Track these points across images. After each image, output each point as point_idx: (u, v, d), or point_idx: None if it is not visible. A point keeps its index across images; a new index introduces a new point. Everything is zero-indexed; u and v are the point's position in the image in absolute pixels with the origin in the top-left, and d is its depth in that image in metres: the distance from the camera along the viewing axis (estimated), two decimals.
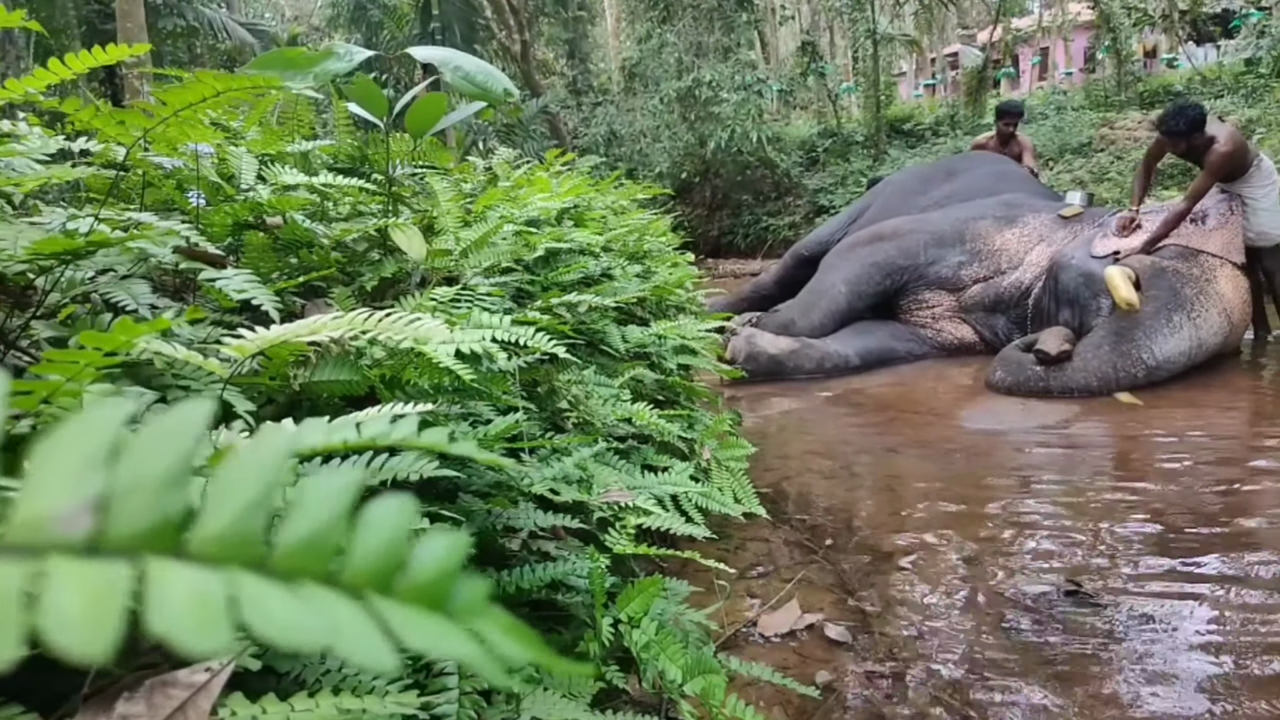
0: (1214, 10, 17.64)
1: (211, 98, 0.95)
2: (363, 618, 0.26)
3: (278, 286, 1.24)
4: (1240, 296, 4.82)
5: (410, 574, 0.28)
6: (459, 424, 1.26)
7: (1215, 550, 2.69)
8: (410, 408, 0.82)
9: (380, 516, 0.29)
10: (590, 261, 2.62)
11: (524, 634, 0.29)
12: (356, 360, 1.18)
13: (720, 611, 2.33)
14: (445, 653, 0.26)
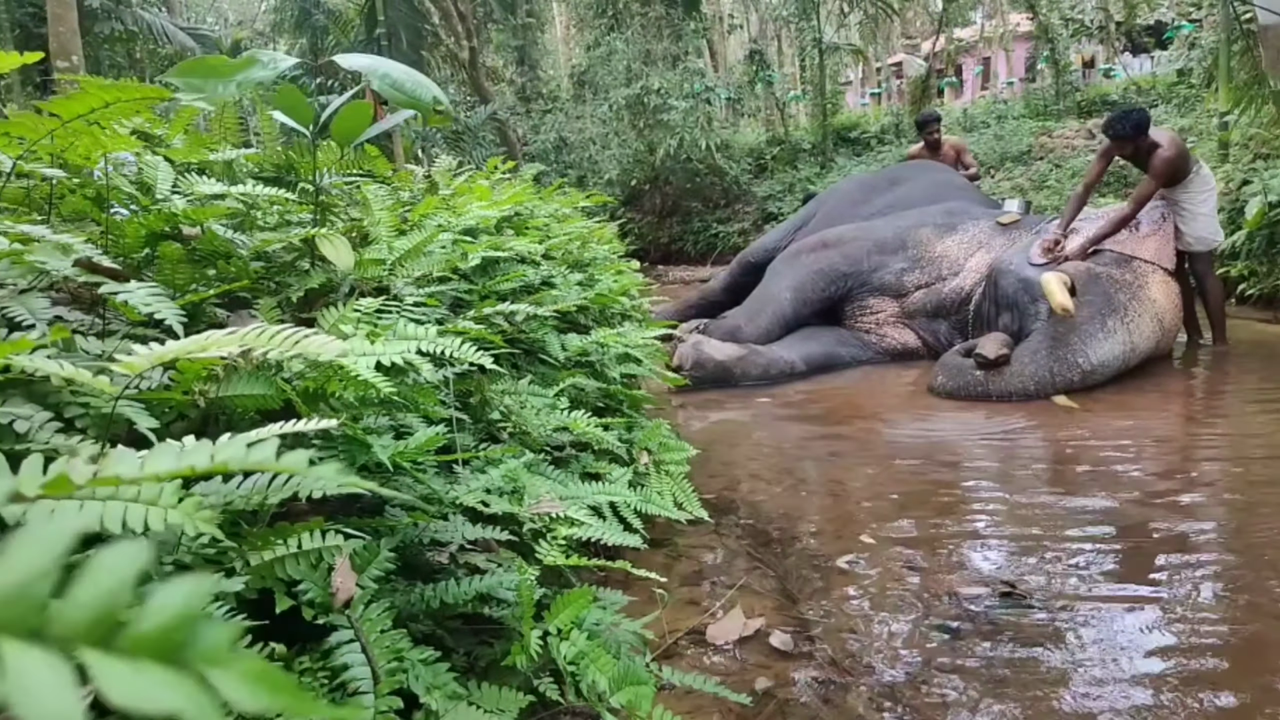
0: (1148, 22, 18.16)
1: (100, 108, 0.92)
2: (52, 674, 0.25)
3: (189, 299, 1.21)
4: (1172, 302, 4.95)
5: (141, 624, 0.26)
6: (381, 437, 1.24)
7: (1150, 551, 2.74)
8: (311, 424, 0.80)
9: (105, 565, 0.27)
10: (529, 270, 2.61)
11: (274, 679, 0.28)
12: (277, 373, 1.15)
13: (661, 620, 2.33)
14: (155, 707, 0.25)
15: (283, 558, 0.94)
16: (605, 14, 15.25)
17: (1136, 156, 5.25)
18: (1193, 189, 5.25)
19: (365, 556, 1.09)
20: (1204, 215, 5.26)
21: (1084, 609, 2.39)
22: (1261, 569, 2.56)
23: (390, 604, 1.06)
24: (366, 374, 1.04)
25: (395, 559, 1.12)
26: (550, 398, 1.94)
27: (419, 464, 1.49)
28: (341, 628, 0.98)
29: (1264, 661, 2.08)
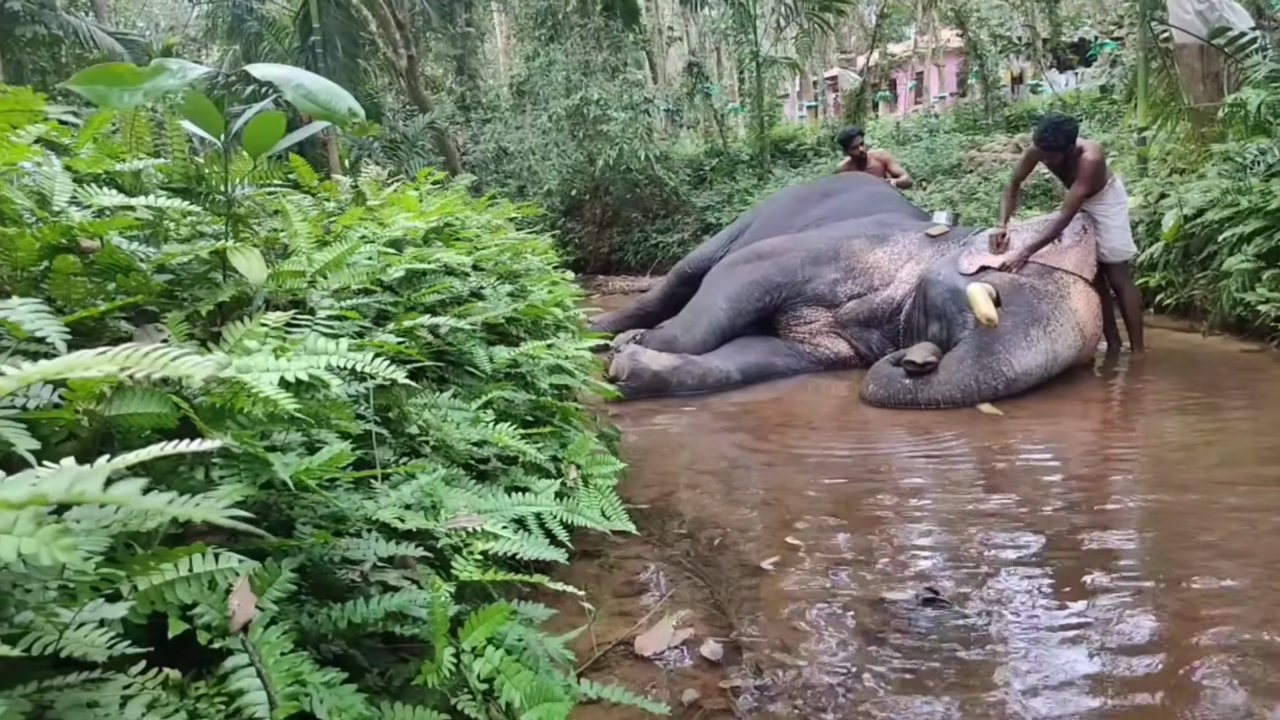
0: (1072, 40, 18.74)
1: None
2: None
3: (83, 315, 1.17)
4: (1092, 311, 5.10)
5: None
6: (287, 454, 1.22)
7: (1071, 555, 2.81)
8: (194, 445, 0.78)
9: None
10: (457, 282, 2.59)
11: None
12: (177, 390, 1.12)
13: (591, 633, 2.33)
14: None
15: (172, 581, 0.92)
16: (545, 24, 15.25)
17: (1063, 165, 5.39)
18: (1107, 201, 5.41)
19: (266, 578, 1.07)
20: (1117, 227, 5.43)
21: (1006, 613, 2.44)
22: (1176, 570, 2.64)
23: (292, 626, 1.04)
24: (269, 391, 1.02)
25: (298, 579, 1.10)
26: (472, 411, 1.92)
27: (334, 481, 1.47)
28: (238, 652, 0.96)
29: (1178, 661, 2.14)
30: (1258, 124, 6.30)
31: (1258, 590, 2.47)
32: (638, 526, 3.23)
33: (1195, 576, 2.57)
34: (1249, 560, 2.66)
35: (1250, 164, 6.17)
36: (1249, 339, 5.72)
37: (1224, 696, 1.98)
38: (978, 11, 16.14)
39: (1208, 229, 6.14)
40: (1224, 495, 3.23)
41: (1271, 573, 2.57)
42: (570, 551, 2.49)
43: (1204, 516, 3.02)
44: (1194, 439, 4.02)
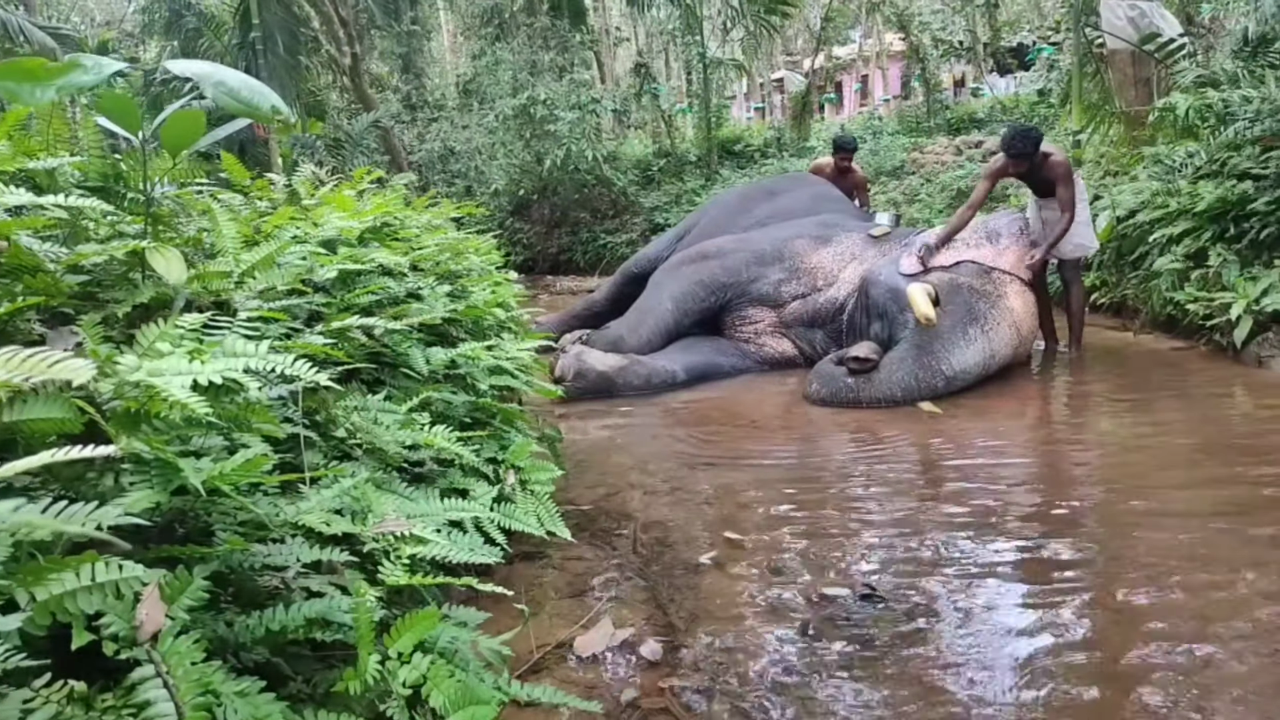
0: (1011, 45, 19.13)
1: None
2: None
3: None
4: (1028, 310, 5.21)
5: None
6: (200, 460, 1.19)
7: (1007, 549, 2.86)
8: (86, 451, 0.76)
9: None
10: (393, 282, 2.56)
11: None
12: (86, 396, 1.09)
13: (530, 635, 2.31)
14: None
15: (74, 591, 0.89)
16: (491, 23, 15.16)
17: (1030, 173, 5.48)
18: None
19: (177, 586, 1.04)
20: (1080, 223, 5.55)
21: (945, 608, 2.48)
22: (1110, 564, 2.70)
23: (207, 634, 1.02)
24: (179, 395, 1.00)
25: (216, 587, 1.07)
26: (403, 413, 1.90)
27: (258, 486, 1.44)
28: (146, 662, 0.93)
29: (1110, 653, 2.19)
30: (1186, 128, 6.49)
31: (1190, 584, 2.54)
32: (581, 527, 3.25)
33: (1129, 571, 2.64)
34: (1181, 556, 2.73)
35: (1179, 167, 6.36)
36: (1178, 337, 5.89)
37: (1160, 686, 2.03)
38: (920, 16, 16.41)
39: (1139, 230, 6.31)
40: (1157, 493, 3.31)
41: (1203, 567, 2.65)
42: (509, 554, 2.48)
43: (1138, 514, 3.10)
44: (1127, 437, 4.13)
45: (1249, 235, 5.53)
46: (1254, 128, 5.92)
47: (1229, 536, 2.83)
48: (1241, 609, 2.36)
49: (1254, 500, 3.14)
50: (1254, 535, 2.83)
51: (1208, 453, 3.74)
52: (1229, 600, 2.42)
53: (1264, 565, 2.61)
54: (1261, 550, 2.72)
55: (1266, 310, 5.04)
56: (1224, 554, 2.70)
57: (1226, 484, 3.34)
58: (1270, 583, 2.50)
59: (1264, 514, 3.00)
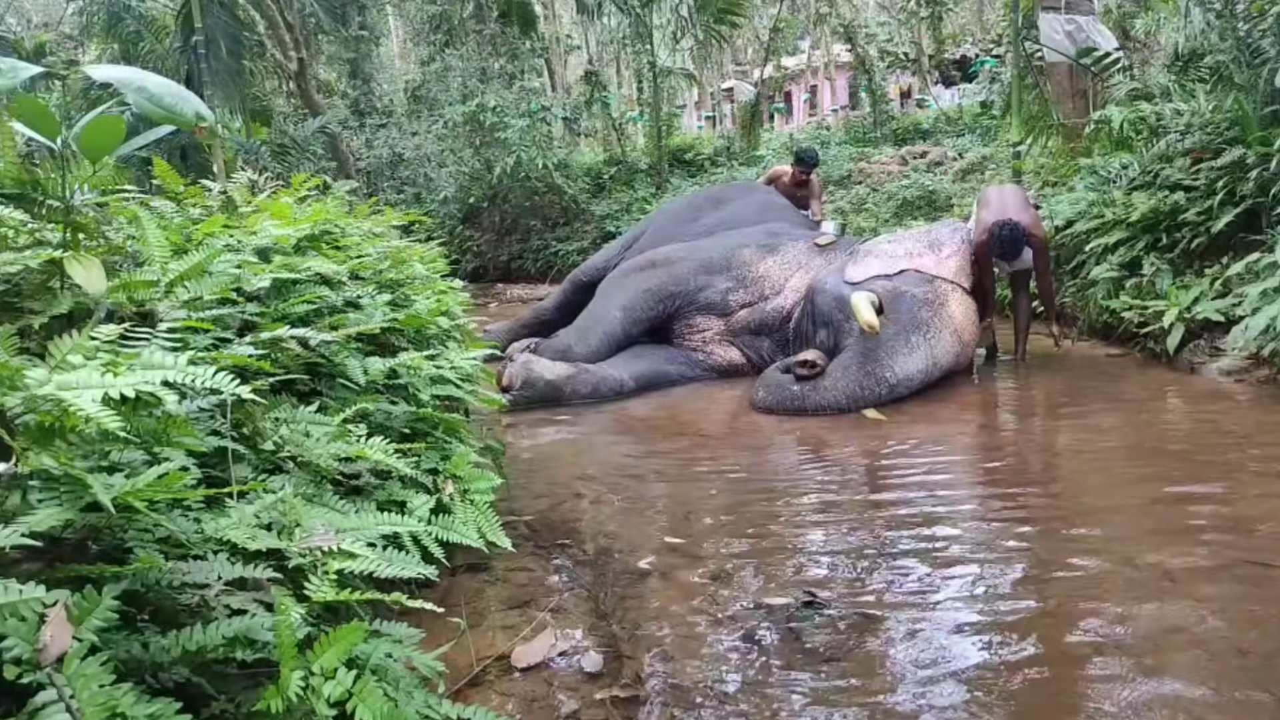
0: (955, 57, 19.51)
1: None
2: None
3: None
4: (969, 319, 5.29)
5: None
6: (111, 476, 1.16)
7: (949, 556, 2.88)
8: None
9: None
10: (330, 291, 2.52)
11: None
12: None
13: (470, 648, 2.29)
14: None
15: None
16: (440, 30, 15.06)
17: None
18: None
19: (86, 606, 1.01)
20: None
21: (887, 615, 2.49)
22: (1051, 568, 2.75)
23: (119, 656, 0.98)
24: (90, 409, 0.97)
25: (132, 606, 1.04)
26: (336, 425, 1.87)
27: (180, 501, 1.41)
28: (49, 686, 0.90)
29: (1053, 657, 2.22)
30: (1121, 140, 6.66)
31: (1124, 584, 2.60)
32: (526, 538, 3.22)
33: (1070, 575, 2.68)
34: (1116, 556, 2.79)
35: (1114, 178, 6.53)
36: (1114, 344, 6.03)
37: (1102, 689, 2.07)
38: (866, 28, 16.66)
39: (1076, 239, 6.46)
40: (1094, 498, 3.39)
41: (1136, 567, 2.71)
42: (449, 566, 2.45)
43: (1077, 519, 3.16)
44: (1065, 441, 4.21)
45: (1181, 245, 5.70)
46: (1185, 140, 6.10)
47: (1162, 539, 2.90)
48: (1179, 613, 2.41)
49: (1185, 504, 3.22)
50: (1185, 538, 2.90)
51: (1142, 457, 3.83)
52: (1165, 604, 2.47)
53: (1195, 568, 2.68)
54: (1193, 552, 2.79)
55: (1198, 318, 5.18)
56: (1157, 558, 2.76)
57: (1160, 488, 3.42)
58: (1201, 586, 2.56)
59: (1194, 518, 3.07)
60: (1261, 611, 2.38)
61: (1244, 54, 5.68)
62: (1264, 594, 2.48)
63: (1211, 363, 5.11)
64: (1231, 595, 2.49)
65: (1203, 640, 2.23)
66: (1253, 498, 3.24)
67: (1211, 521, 3.01)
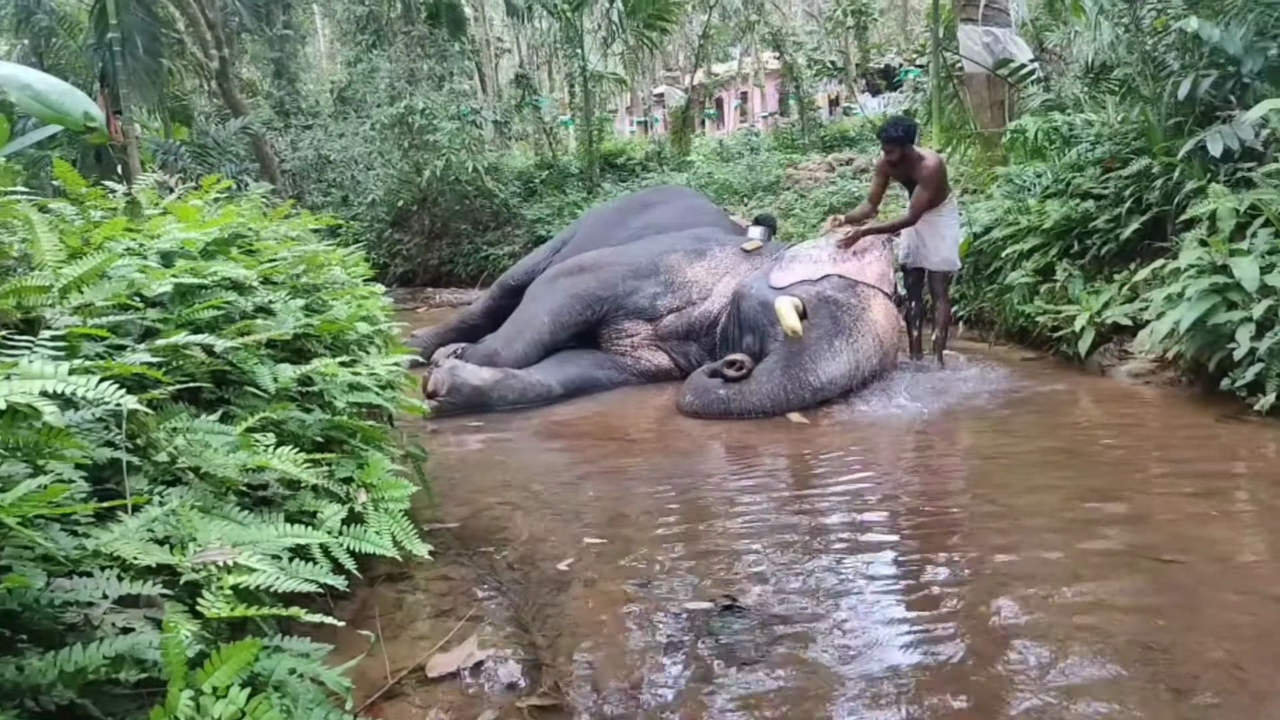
0: (880, 66, 19.92)
1: None
2: None
3: None
4: (891, 324, 5.40)
5: None
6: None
7: (870, 559, 2.93)
8: None
9: None
10: (239, 296, 2.45)
11: None
12: None
13: (384, 660, 2.25)
14: None
15: None
16: (367, 30, 14.84)
17: (904, 169, 5.67)
18: (947, 215, 5.82)
19: None
20: (950, 240, 5.81)
21: (806, 618, 2.51)
22: (970, 568, 2.80)
23: None
24: None
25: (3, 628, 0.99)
26: (238, 434, 1.82)
27: (68, 515, 1.35)
28: None
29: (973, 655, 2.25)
30: (1035, 149, 6.87)
31: (1037, 580, 2.67)
32: (448, 546, 3.18)
33: (988, 574, 2.74)
34: (1030, 554, 2.86)
35: (1029, 186, 6.72)
36: (1030, 347, 6.21)
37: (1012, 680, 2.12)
38: (794, 36, 16.90)
39: (993, 246, 6.64)
40: (1011, 496, 3.47)
41: (1048, 564, 2.78)
42: (359, 579, 2.40)
43: (993, 518, 3.24)
44: (983, 443, 4.31)
45: (1091, 251, 5.89)
46: (1095, 150, 6.31)
47: (1073, 536, 2.98)
48: (1087, 607, 2.48)
49: (1095, 502, 3.32)
50: (1094, 535, 2.99)
51: (1055, 458, 3.95)
52: (1074, 598, 2.54)
53: (1103, 564, 2.76)
54: (1101, 549, 2.87)
55: (1107, 322, 5.37)
56: (1068, 554, 2.84)
57: (1071, 488, 3.52)
58: (1107, 581, 2.64)
59: (1103, 515, 3.17)
60: (1161, 604, 2.47)
61: (1150, 67, 5.90)
62: (1163, 588, 2.58)
63: (1121, 365, 5.29)
64: (1134, 589, 2.58)
65: (1108, 634, 2.30)
66: (1156, 496, 3.37)
67: (1119, 519, 3.12)
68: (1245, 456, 3.80)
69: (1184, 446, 3.97)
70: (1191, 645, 2.23)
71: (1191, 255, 4.56)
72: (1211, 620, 2.36)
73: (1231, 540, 2.90)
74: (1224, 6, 5.40)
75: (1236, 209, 4.69)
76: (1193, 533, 2.95)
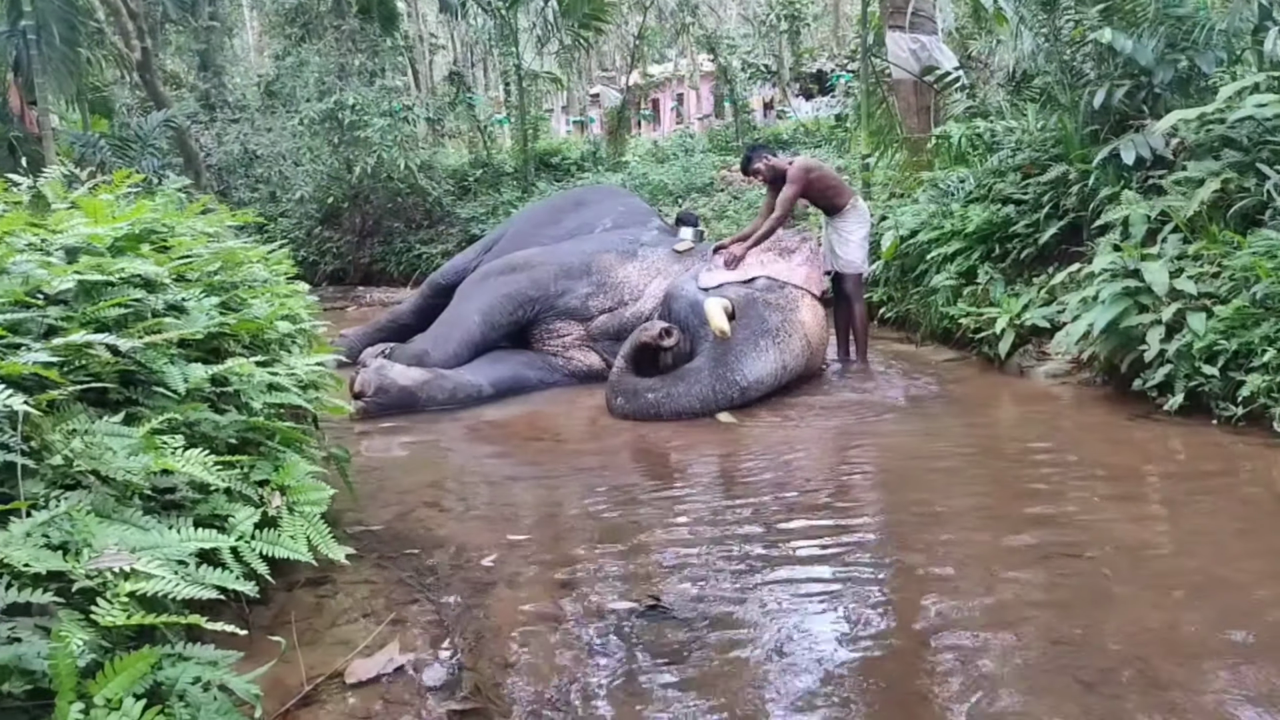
0: (812, 70, 20.20)
1: None
2: None
3: None
4: (819, 324, 5.47)
5: None
6: None
7: (797, 558, 2.95)
8: None
9: None
10: (148, 294, 2.38)
11: None
12: None
13: (299, 666, 2.20)
14: None
15: None
16: (296, 23, 14.54)
17: (775, 184, 5.88)
18: (849, 219, 5.94)
19: None
20: (855, 243, 5.95)
21: (728, 617, 2.52)
22: (894, 565, 2.85)
23: None
24: None
25: None
26: (141, 436, 1.76)
27: None
28: None
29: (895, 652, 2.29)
30: (959, 155, 7.03)
31: (955, 576, 2.73)
32: (371, 548, 3.13)
33: (914, 570, 2.79)
34: (949, 551, 2.93)
35: (953, 191, 6.87)
36: (953, 348, 6.35)
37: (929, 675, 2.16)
38: (728, 39, 17.03)
39: (919, 249, 6.78)
40: (932, 494, 3.53)
41: (965, 561, 2.84)
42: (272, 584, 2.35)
43: (916, 515, 3.29)
44: (907, 443, 4.38)
45: (1012, 255, 6.05)
46: (1015, 157, 6.49)
47: (990, 533, 3.06)
48: (1003, 603, 2.55)
49: (1012, 500, 3.40)
50: (1011, 532, 3.07)
51: (975, 457, 4.04)
52: (990, 594, 2.60)
53: (1019, 561, 2.84)
54: (1017, 545, 2.95)
55: (1027, 324, 5.51)
56: (985, 550, 2.91)
57: (990, 486, 3.61)
58: (1022, 576, 2.71)
59: (1019, 513, 3.25)
60: (1072, 599, 2.55)
61: (1067, 76, 6.09)
62: (1076, 583, 2.66)
63: (1039, 366, 5.44)
64: (1047, 584, 2.65)
65: (1021, 629, 2.36)
66: (1071, 493, 3.47)
67: (1034, 516, 3.19)
68: (1155, 455, 3.94)
69: (1098, 445, 4.09)
70: (1100, 638, 2.30)
71: (1105, 260, 4.71)
72: (1120, 614, 2.44)
73: (1140, 536, 3.00)
74: (1137, 19, 5.59)
75: (1148, 215, 4.86)
76: (1105, 529, 3.05)
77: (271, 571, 2.27)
